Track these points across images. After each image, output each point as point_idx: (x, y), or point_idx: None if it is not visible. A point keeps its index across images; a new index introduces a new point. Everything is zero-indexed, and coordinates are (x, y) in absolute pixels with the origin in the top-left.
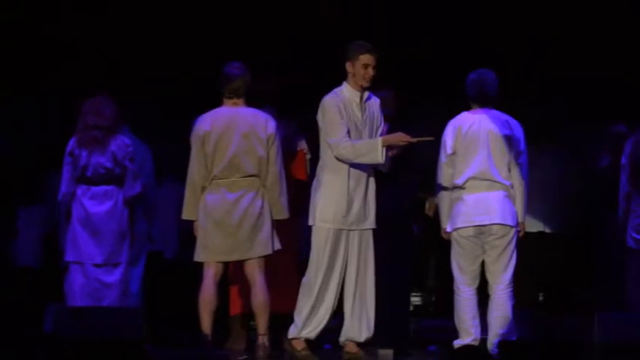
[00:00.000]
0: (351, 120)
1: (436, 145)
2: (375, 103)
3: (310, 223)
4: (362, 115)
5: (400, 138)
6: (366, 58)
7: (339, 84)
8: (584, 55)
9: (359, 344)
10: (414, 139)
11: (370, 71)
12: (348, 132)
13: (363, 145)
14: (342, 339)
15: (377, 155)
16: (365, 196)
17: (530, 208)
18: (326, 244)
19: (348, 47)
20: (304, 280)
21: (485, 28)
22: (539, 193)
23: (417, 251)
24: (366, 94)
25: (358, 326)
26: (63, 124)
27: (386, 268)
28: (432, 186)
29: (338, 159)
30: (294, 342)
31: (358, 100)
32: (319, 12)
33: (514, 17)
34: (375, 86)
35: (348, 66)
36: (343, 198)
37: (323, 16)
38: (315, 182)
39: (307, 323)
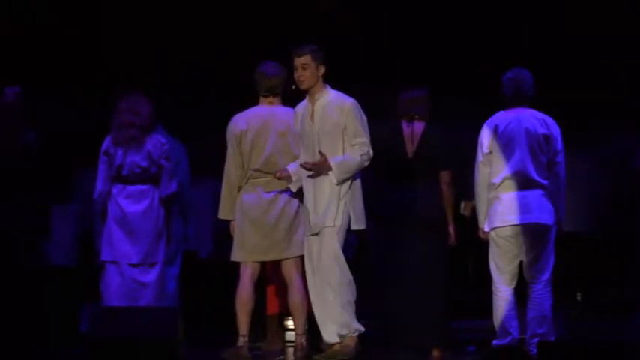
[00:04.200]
0: (302, 130)
1: (472, 145)
2: (336, 107)
3: None
4: (312, 124)
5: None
6: (294, 61)
7: (336, 84)
8: (615, 54)
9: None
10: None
11: (299, 72)
12: None
13: None
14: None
15: None
16: (325, 198)
17: (568, 207)
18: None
19: None
20: None
21: (513, 26)
22: (577, 192)
23: (456, 251)
24: (322, 100)
25: (324, 328)
26: (98, 120)
27: (425, 269)
28: (467, 186)
29: None
30: None
31: (310, 107)
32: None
33: (550, 16)
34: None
35: None
36: (307, 205)
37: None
38: None
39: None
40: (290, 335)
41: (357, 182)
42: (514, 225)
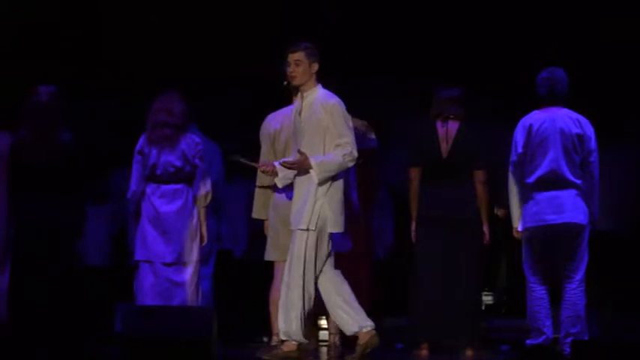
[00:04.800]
0: (294, 127)
1: (506, 145)
2: (320, 105)
3: None
4: (300, 121)
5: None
6: (288, 57)
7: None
8: None
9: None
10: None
11: (292, 68)
12: None
13: None
14: None
15: None
16: (302, 197)
17: (602, 206)
18: None
19: None
20: None
21: (536, 25)
22: (611, 192)
23: (489, 251)
24: (310, 97)
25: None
26: (129, 120)
27: (459, 268)
28: (500, 187)
29: None
30: None
31: (300, 104)
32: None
33: (583, 17)
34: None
35: None
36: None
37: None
38: None
39: None
40: (324, 335)
41: (338, 183)
42: (548, 224)
